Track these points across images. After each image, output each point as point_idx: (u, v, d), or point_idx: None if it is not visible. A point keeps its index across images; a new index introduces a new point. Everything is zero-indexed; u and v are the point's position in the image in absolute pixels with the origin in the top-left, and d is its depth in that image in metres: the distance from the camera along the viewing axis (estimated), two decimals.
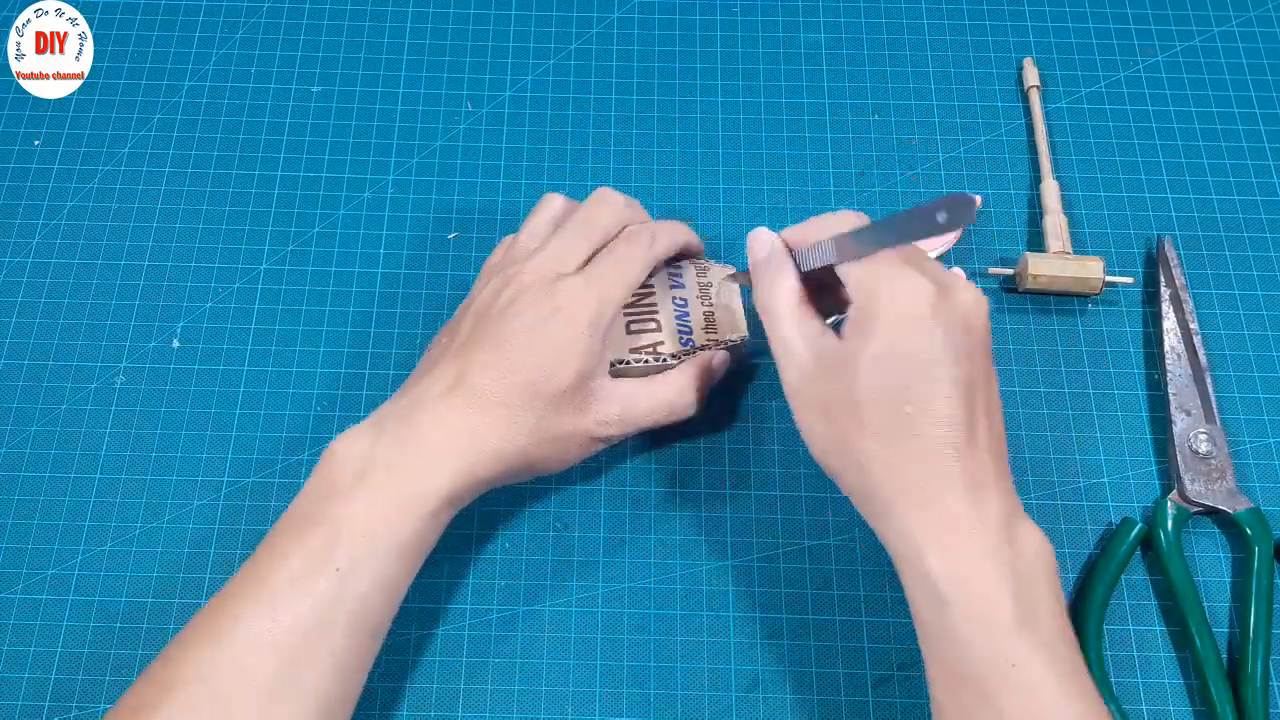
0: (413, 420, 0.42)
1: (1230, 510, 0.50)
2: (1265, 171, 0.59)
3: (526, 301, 0.44)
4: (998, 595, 0.37)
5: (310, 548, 0.39)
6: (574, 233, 0.47)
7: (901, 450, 0.38)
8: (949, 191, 0.58)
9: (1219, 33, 0.64)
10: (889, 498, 0.39)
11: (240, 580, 0.40)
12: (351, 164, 0.60)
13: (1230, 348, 0.55)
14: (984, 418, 0.39)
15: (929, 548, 0.38)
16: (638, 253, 0.46)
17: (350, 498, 0.40)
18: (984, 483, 0.38)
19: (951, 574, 0.37)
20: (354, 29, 0.64)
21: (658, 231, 0.48)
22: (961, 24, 0.64)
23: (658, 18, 0.64)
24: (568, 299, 0.44)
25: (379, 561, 0.40)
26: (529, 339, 0.43)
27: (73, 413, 0.53)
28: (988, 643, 0.36)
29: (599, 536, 0.51)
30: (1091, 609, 0.48)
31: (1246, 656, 0.47)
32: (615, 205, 0.49)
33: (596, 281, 0.45)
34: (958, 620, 0.37)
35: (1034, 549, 0.38)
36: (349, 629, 0.39)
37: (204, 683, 0.37)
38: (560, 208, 0.50)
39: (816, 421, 0.41)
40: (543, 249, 0.46)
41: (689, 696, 0.47)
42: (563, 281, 0.44)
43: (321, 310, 0.56)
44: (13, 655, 0.48)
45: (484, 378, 0.42)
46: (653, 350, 0.48)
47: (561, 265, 0.45)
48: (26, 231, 0.58)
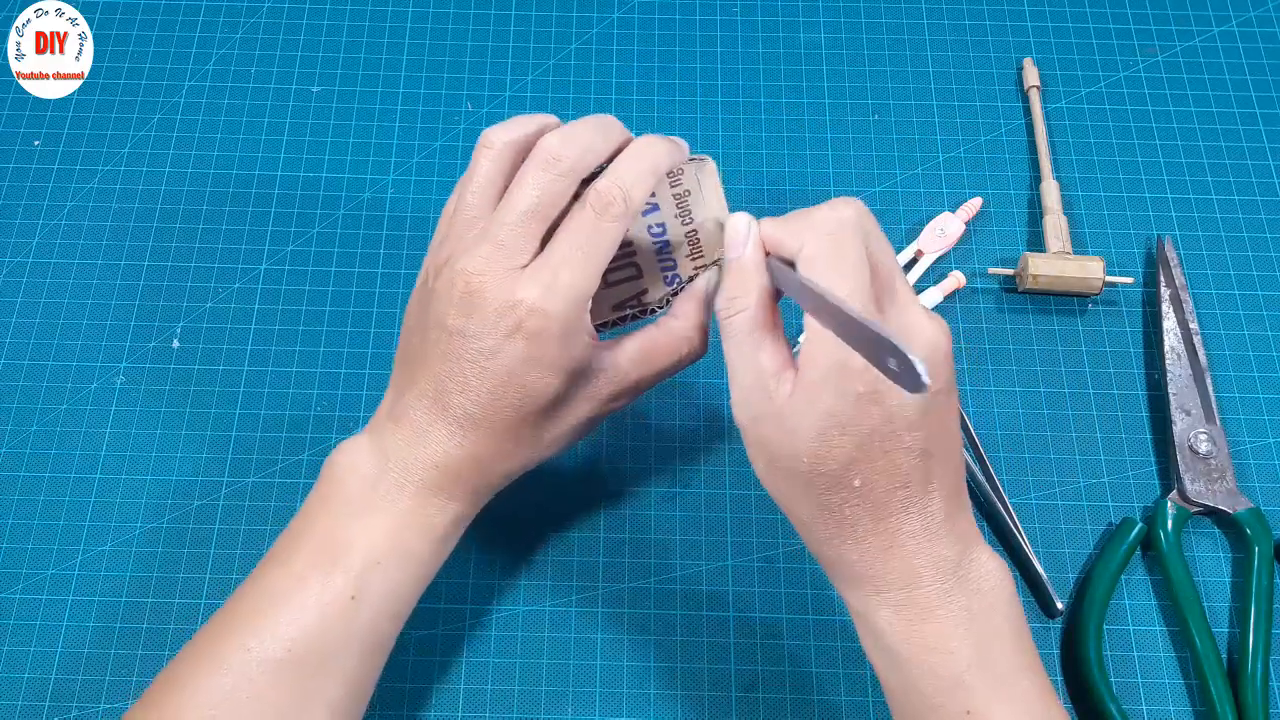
0: (416, 449, 0.39)
1: (1230, 510, 0.50)
2: (1265, 171, 0.59)
3: (481, 319, 0.38)
4: (950, 644, 0.36)
5: (325, 573, 0.38)
6: (523, 206, 0.38)
7: (847, 516, 0.37)
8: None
9: (1219, 33, 0.64)
10: (837, 557, 0.38)
11: (249, 601, 0.39)
12: (351, 164, 0.60)
13: (1230, 348, 0.55)
14: (940, 464, 0.37)
15: (878, 607, 0.37)
16: (607, 227, 0.38)
17: (362, 523, 0.39)
18: (934, 532, 0.36)
19: (902, 629, 0.36)
20: (354, 29, 0.64)
21: (632, 184, 0.39)
22: (961, 24, 0.64)
23: (658, 18, 0.64)
24: (528, 313, 0.37)
25: (391, 586, 0.39)
26: (496, 363, 0.38)
27: (73, 413, 0.53)
28: (943, 692, 0.36)
29: (599, 536, 0.51)
30: (1091, 609, 0.48)
31: (1246, 656, 0.47)
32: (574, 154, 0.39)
33: (559, 282, 0.38)
34: (913, 676, 0.36)
35: (990, 582, 0.37)
36: (360, 651, 0.39)
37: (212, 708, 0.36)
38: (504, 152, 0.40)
39: (761, 461, 0.38)
40: (486, 235, 0.38)
41: (689, 696, 0.47)
42: (519, 287, 0.37)
43: (321, 310, 0.56)
44: (13, 655, 0.48)
45: (467, 401, 0.39)
46: (637, 302, 0.43)
47: (511, 257, 0.38)
48: (26, 231, 0.58)
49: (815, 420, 0.36)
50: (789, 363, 0.38)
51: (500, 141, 0.40)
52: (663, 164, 0.40)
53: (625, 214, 0.38)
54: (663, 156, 0.40)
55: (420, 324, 0.40)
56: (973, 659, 0.36)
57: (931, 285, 0.56)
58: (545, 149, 0.39)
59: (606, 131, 0.40)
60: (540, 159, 0.39)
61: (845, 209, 0.37)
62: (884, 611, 0.37)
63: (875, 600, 0.37)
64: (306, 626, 0.38)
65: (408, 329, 0.42)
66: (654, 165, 0.40)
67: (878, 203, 0.59)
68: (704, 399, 0.54)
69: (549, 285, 0.37)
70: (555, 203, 0.39)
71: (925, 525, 0.36)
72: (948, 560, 0.36)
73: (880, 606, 0.37)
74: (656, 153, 0.40)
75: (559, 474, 0.52)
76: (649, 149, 0.40)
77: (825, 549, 0.38)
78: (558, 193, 0.39)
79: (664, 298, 0.43)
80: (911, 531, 0.36)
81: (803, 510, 0.38)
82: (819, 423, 0.35)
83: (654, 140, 0.40)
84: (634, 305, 0.43)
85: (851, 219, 0.37)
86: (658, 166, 0.40)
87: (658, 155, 0.40)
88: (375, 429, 0.41)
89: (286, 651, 0.37)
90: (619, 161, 0.40)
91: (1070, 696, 0.47)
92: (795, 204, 0.58)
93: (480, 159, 0.40)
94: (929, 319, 0.37)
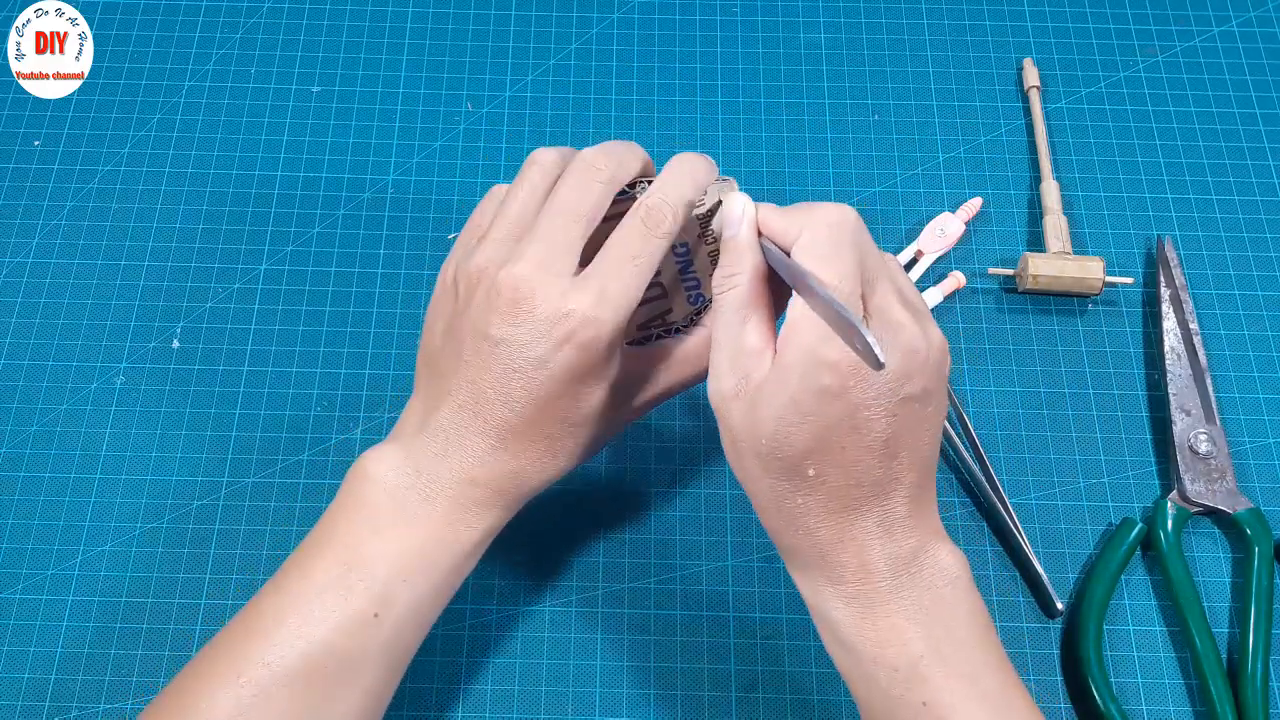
0: (451, 462, 0.39)
1: (1230, 510, 0.50)
2: (1265, 171, 0.59)
3: (530, 327, 0.37)
4: (902, 634, 0.36)
5: (348, 588, 0.38)
6: (568, 211, 0.39)
7: (800, 505, 0.37)
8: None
9: (1219, 33, 0.64)
10: (791, 545, 0.38)
11: (268, 611, 0.38)
12: (351, 164, 0.60)
13: (1230, 348, 0.55)
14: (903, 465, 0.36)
15: (832, 600, 0.37)
16: (654, 243, 0.39)
17: (388, 536, 0.38)
18: (892, 523, 0.36)
19: (856, 623, 0.37)
20: (354, 29, 0.64)
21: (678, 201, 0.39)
22: (961, 24, 0.64)
23: (658, 18, 0.64)
24: (580, 323, 0.37)
25: (415, 601, 0.39)
26: (544, 373, 0.38)
27: (73, 413, 0.53)
28: (899, 683, 0.36)
29: (599, 536, 0.51)
30: (1091, 609, 0.48)
31: (1246, 656, 0.47)
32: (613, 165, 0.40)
33: (607, 293, 0.38)
34: (869, 668, 0.36)
35: (945, 577, 0.37)
36: (381, 665, 0.38)
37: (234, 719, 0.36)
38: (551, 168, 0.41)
39: (728, 439, 0.38)
40: (534, 238, 0.38)
41: (689, 696, 0.47)
42: (568, 297, 0.37)
43: (321, 310, 0.56)
44: (13, 655, 0.48)
45: (509, 412, 0.38)
46: (661, 322, 0.43)
47: (559, 263, 0.38)
48: (26, 231, 0.58)
49: (779, 405, 0.35)
50: (770, 345, 0.37)
51: (550, 159, 0.41)
52: (702, 183, 0.40)
53: (672, 230, 0.39)
54: (701, 175, 0.40)
55: (454, 334, 0.40)
56: (927, 651, 0.36)
57: (931, 285, 0.56)
58: (584, 159, 0.40)
59: (636, 150, 0.41)
60: (579, 166, 0.40)
61: (846, 210, 0.38)
62: (836, 604, 0.37)
63: (828, 591, 0.37)
64: (326, 640, 0.37)
65: (433, 336, 0.41)
66: (695, 183, 0.40)
67: (878, 203, 0.59)
68: (704, 399, 0.53)
69: (600, 295, 0.37)
70: (596, 209, 0.39)
71: (881, 522, 0.36)
72: (900, 557, 0.37)
73: (833, 599, 0.37)
74: (697, 171, 0.40)
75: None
76: (690, 166, 0.40)
77: (780, 536, 0.38)
78: (597, 199, 0.39)
79: (688, 316, 0.44)
80: (866, 528, 0.36)
81: (760, 493, 0.38)
82: (781, 408, 0.35)
83: (694, 158, 0.41)
84: (658, 325, 0.43)
85: (851, 218, 0.38)
86: (699, 185, 0.40)
87: (698, 174, 0.40)
88: (403, 439, 0.40)
89: (305, 664, 0.37)
90: (665, 178, 0.40)
91: (1070, 696, 0.47)
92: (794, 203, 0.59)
93: (530, 171, 0.41)
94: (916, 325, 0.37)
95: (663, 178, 0.40)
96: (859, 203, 0.58)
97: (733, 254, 0.39)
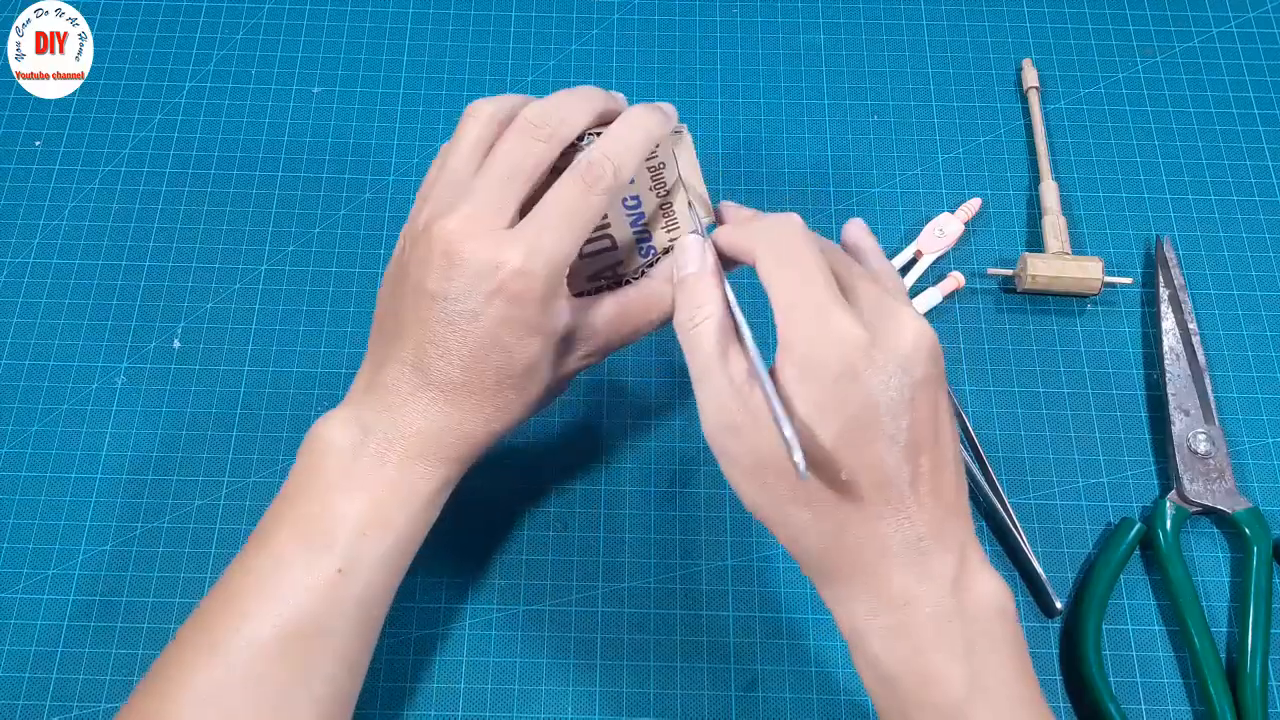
0: (397, 418, 0.39)
1: (1229, 510, 0.50)
2: (1265, 172, 0.59)
3: (462, 281, 0.37)
4: (946, 672, 0.35)
5: (310, 550, 0.38)
6: (504, 168, 0.39)
7: (837, 519, 0.35)
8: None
9: (1218, 33, 0.64)
10: (827, 570, 0.37)
11: (235, 584, 0.39)
12: (351, 164, 0.60)
13: (1229, 348, 0.55)
14: (930, 464, 0.36)
15: (871, 628, 0.36)
16: (594, 199, 0.39)
17: (345, 496, 0.39)
18: (930, 538, 0.35)
19: (897, 654, 0.35)
20: (354, 29, 0.64)
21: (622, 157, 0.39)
22: (961, 24, 0.64)
23: (658, 18, 0.64)
24: (511, 275, 0.37)
25: (378, 557, 0.39)
26: (478, 326, 0.38)
27: (74, 413, 0.53)
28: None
29: (599, 536, 0.51)
30: (1091, 609, 0.48)
31: (1245, 656, 0.47)
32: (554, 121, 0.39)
33: (539, 246, 0.38)
34: (907, 704, 0.35)
35: (989, 604, 0.36)
36: (352, 625, 0.39)
37: (210, 695, 0.36)
38: (489, 121, 0.40)
39: (742, 478, 0.37)
40: (469, 193, 0.38)
41: (689, 696, 0.47)
42: (500, 249, 0.37)
43: (322, 310, 0.56)
44: (13, 655, 0.48)
45: (449, 366, 0.39)
46: (612, 273, 0.43)
47: (492, 218, 0.38)
48: (27, 232, 0.58)
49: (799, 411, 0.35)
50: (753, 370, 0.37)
51: (486, 112, 0.41)
52: (654, 137, 0.40)
53: (613, 187, 0.39)
54: (654, 129, 0.40)
55: (397, 293, 0.40)
56: (971, 690, 0.35)
57: (931, 285, 0.56)
58: (526, 116, 0.39)
59: (589, 101, 0.41)
60: (520, 125, 0.39)
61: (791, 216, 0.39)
62: (876, 639, 0.36)
63: (868, 624, 0.36)
64: (296, 604, 0.37)
65: (383, 301, 0.42)
66: (645, 138, 0.40)
67: (878, 203, 0.59)
68: None
69: (532, 247, 0.37)
70: (536, 167, 0.39)
71: (918, 534, 0.35)
72: (942, 577, 0.35)
73: (872, 633, 0.36)
74: (648, 125, 0.40)
75: (559, 474, 0.52)
76: (640, 121, 0.40)
77: (820, 560, 0.37)
78: (538, 157, 0.39)
79: (639, 269, 0.44)
80: (904, 540, 0.35)
81: (790, 518, 0.37)
82: (797, 409, 0.35)
83: (645, 112, 0.40)
84: (609, 276, 0.43)
85: (797, 222, 0.39)
86: (650, 139, 0.40)
87: (649, 128, 0.40)
88: (353, 401, 0.41)
89: (277, 631, 0.37)
90: (610, 133, 0.40)
91: (1069, 696, 0.48)
92: (794, 205, 0.59)
93: (467, 126, 0.41)
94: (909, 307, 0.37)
95: (610, 132, 0.40)
96: (859, 203, 0.58)
97: (694, 292, 0.39)
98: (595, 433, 0.53)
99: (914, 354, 0.35)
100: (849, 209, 0.58)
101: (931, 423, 0.36)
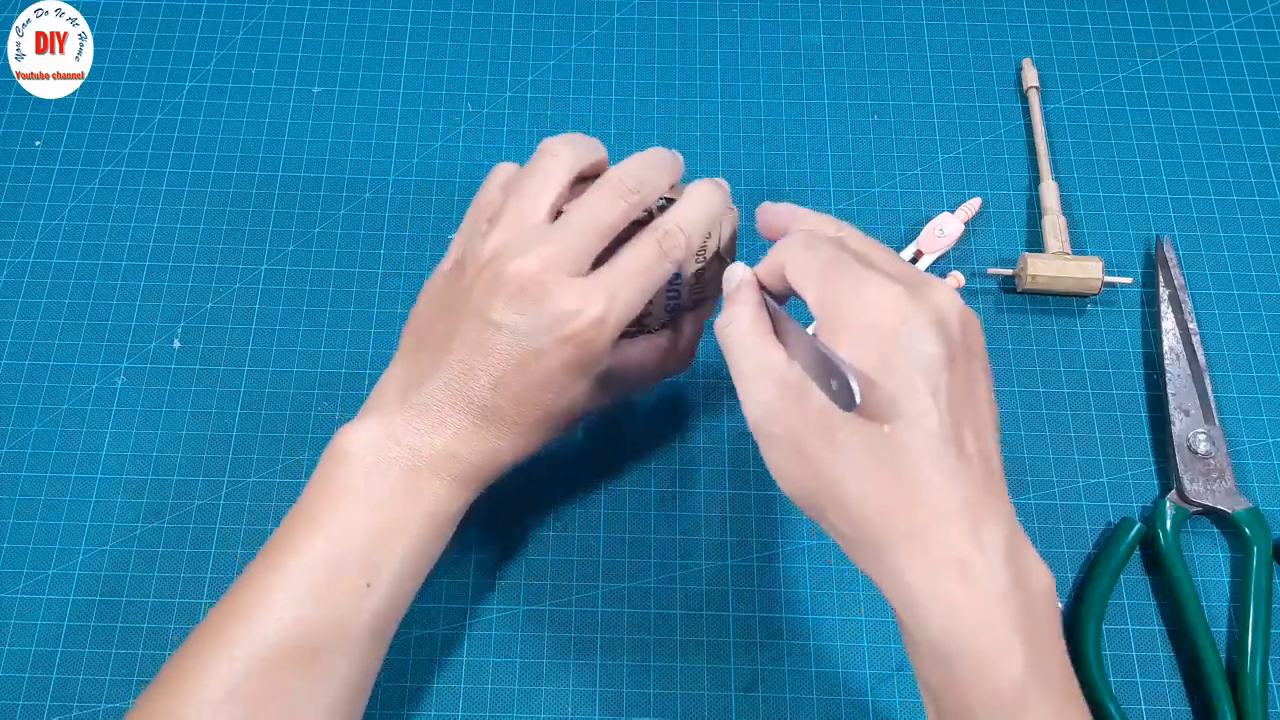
0: (432, 437, 0.40)
1: (1229, 510, 0.50)
2: (1264, 172, 0.59)
3: (537, 320, 0.39)
4: (1007, 652, 0.33)
5: (334, 561, 0.38)
6: (590, 221, 0.40)
7: (883, 478, 0.34)
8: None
9: (1218, 33, 0.64)
10: (876, 537, 0.35)
11: (254, 589, 0.39)
12: (351, 164, 0.60)
13: (1229, 348, 0.55)
14: (971, 430, 0.35)
15: (929, 600, 0.34)
16: (665, 265, 0.41)
17: (370, 510, 0.39)
18: (980, 505, 0.34)
19: (956, 631, 0.34)
20: (354, 29, 0.64)
21: (693, 231, 0.42)
22: (961, 24, 0.64)
23: (658, 18, 0.64)
24: (587, 324, 0.39)
25: (398, 573, 0.39)
26: (540, 364, 0.39)
27: (74, 413, 0.53)
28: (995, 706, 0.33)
29: (599, 536, 0.51)
30: (1091, 609, 0.48)
31: (1245, 656, 0.47)
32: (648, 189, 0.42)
33: (614, 303, 0.39)
34: (965, 682, 0.34)
35: (1041, 586, 0.35)
36: (367, 637, 0.39)
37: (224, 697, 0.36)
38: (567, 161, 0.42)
39: (787, 459, 0.37)
40: (548, 238, 0.40)
41: (689, 696, 0.47)
42: (582, 298, 0.39)
43: (322, 310, 0.56)
44: (14, 655, 0.48)
45: (497, 395, 0.40)
46: (638, 324, 0.45)
47: (573, 265, 0.40)
48: (27, 232, 0.58)
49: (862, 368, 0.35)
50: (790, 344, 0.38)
51: (568, 155, 0.42)
52: (716, 215, 0.43)
53: (683, 257, 0.42)
54: (717, 207, 0.43)
55: (452, 312, 0.41)
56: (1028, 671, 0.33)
57: None
58: (621, 177, 0.42)
59: (671, 169, 0.44)
60: (614, 183, 0.41)
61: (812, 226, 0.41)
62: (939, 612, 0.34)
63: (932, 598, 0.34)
64: (314, 615, 0.38)
65: (429, 312, 0.43)
66: (710, 215, 0.43)
67: (877, 203, 0.59)
68: (703, 399, 0.54)
69: (610, 301, 0.39)
70: (617, 225, 0.41)
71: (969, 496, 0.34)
72: (998, 550, 0.34)
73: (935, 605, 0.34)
74: (713, 202, 0.43)
75: (560, 474, 0.52)
76: (710, 198, 0.43)
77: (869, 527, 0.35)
78: (621, 215, 0.41)
79: (660, 321, 0.46)
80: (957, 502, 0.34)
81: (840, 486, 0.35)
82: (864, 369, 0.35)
83: (712, 189, 0.43)
84: (634, 326, 0.44)
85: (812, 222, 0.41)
86: (714, 217, 0.43)
87: (713, 205, 0.43)
88: (384, 413, 0.41)
89: (293, 639, 0.37)
90: (685, 207, 0.42)
91: None
92: (795, 204, 0.59)
93: (547, 165, 0.42)
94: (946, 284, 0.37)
95: (683, 205, 0.42)
96: (859, 203, 0.58)
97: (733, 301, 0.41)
98: (595, 433, 0.53)
99: (949, 313, 0.36)
100: (849, 209, 0.58)
101: (969, 386, 0.36)
